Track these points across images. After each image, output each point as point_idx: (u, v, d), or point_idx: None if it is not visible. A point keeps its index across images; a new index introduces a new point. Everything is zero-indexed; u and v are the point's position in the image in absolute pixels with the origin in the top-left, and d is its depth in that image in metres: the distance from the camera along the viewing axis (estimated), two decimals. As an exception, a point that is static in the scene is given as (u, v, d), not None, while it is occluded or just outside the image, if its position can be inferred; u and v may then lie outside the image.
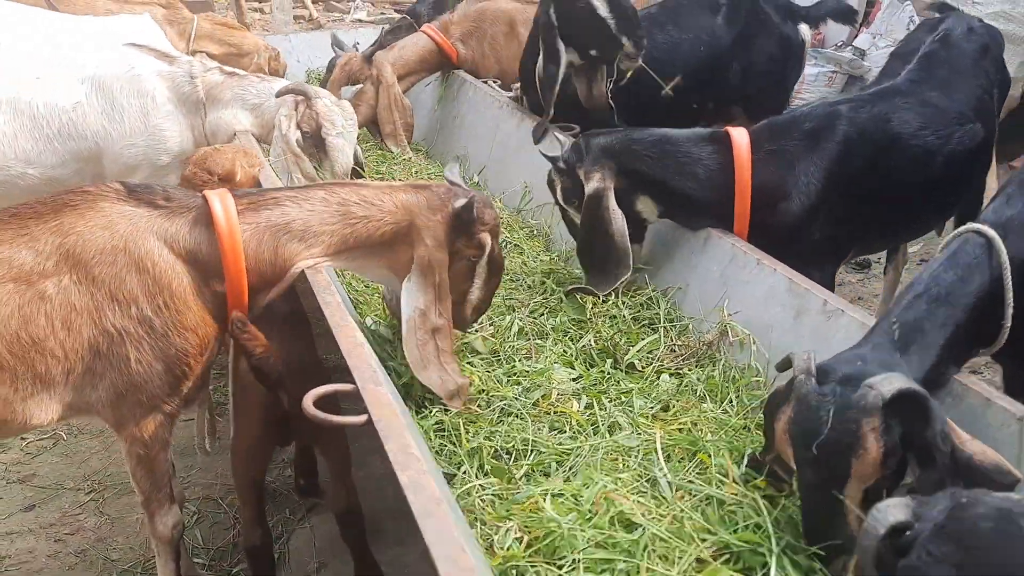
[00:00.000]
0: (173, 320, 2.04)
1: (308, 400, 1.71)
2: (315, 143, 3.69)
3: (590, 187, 2.86)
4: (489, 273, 2.43)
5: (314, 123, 3.67)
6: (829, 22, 4.95)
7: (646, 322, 2.77)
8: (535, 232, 3.61)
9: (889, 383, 1.61)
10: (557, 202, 3.08)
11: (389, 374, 2.28)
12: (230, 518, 2.91)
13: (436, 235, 2.24)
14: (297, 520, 2.89)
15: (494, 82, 4.74)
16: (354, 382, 1.74)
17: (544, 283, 3.07)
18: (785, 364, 1.89)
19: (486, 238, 2.35)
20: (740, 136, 2.78)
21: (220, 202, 2.10)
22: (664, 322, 2.73)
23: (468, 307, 2.45)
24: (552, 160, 3.02)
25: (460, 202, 2.27)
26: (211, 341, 2.12)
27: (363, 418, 1.63)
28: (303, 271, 2.20)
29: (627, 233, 2.83)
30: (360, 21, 12.93)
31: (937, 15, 3.72)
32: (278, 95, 3.66)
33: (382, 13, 13.29)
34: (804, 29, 4.57)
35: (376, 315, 2.80)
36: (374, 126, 4.81)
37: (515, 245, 3.43)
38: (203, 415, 2.39)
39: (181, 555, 2.31)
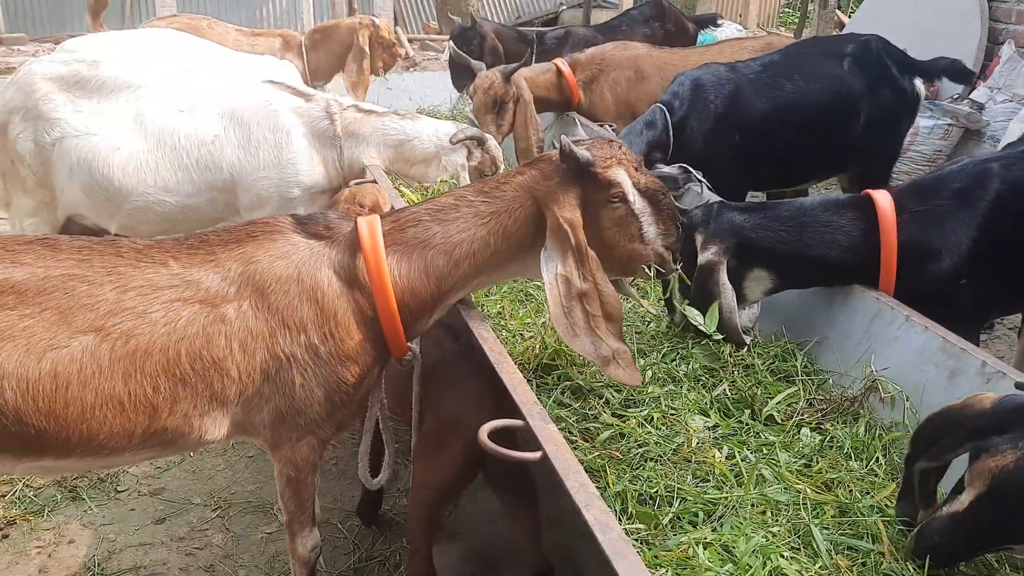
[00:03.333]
0: (337, 348, 2.10)
1: (483, 433, 1.71)
2: None
3: (703, 258, 2.82)
4: (653, 205, 2.25)
5: (494, 166, 3.86)
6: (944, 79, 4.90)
7: (783, 375, 2.72)
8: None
9: None
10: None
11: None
12: (350, 543, 2.94)
13: (556, 197, 2.15)
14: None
15: (610, 126, 4.77)
16: (522, 418, 1.75)
17: (671, 329, 3.04)
18: None
19: (614, 172, 2.18)
20: (883, 199, 2.74)
21: (367, 226, 2.16)
22: (802, 374, 2.68)
23: (650, 247, 2.28)
24: None
25: (560, 150, 2.14)
26: (369, 369, 2.16)
27: (538, 454, 1.63)
28: (455, 305, 2.23)
29: (735, 309, 2.79)
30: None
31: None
32: (452, 141, 3.79)
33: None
34: (919, 84, 4.51)
35: None
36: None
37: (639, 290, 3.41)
38: (367, 444, 2.42)
39: (314, 577, 2.34)
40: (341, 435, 2.27)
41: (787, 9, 18.69)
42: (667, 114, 4.10)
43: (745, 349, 2.81)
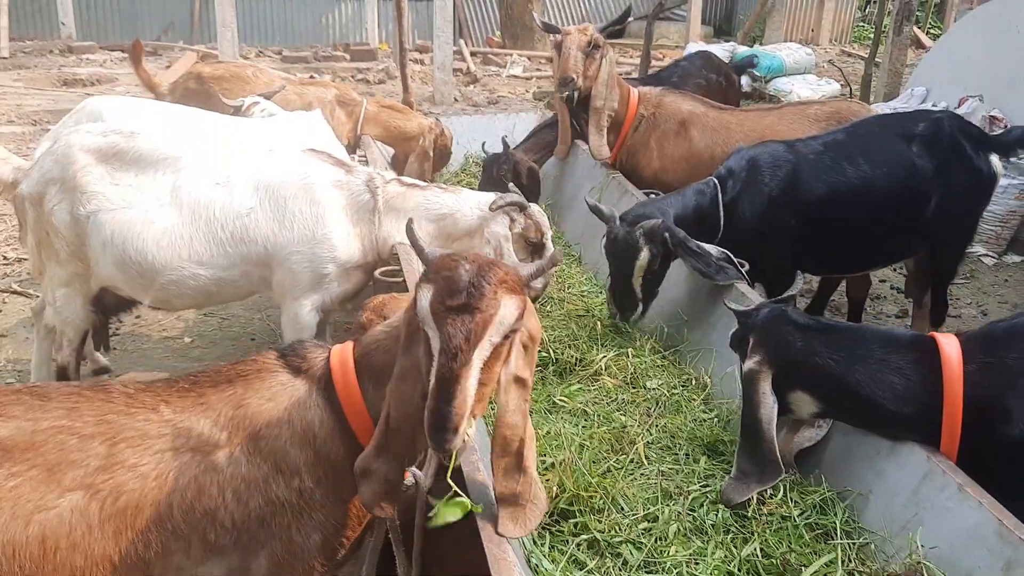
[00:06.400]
0: (332, 492, 2.03)
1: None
2: (534, 249, 3.74)
3: (747, 364, 2.69)
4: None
5: (539, 232, 3.72)
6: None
7: (820, 530, 2.52)
8: (694, 382, 3.39)
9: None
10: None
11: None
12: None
13: None
14: None
15: (655, 195, 4.57)
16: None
17: (704, 457, 2.87)
18: None
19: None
20: (950, 345, 2.50)
21: (339, 359, 2.06)
22: (841, 535, 2.48)
23: None
24: (736, 313, 2.84)
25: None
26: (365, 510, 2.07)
27: None
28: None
29: (774, 420, 2.61)
30: (515, 76, 13.09)
31: None
32: (492, 208, 3.68)
33: (537, 69, 13.41)
34: (995, 161, 4.21)
35: None
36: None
37: (673, 399, 3.23)
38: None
39: None
40: (340, 570, 2.19)
41: (861, 24, 18.03)
42: (719, 190, 3.89)
43: (781, 494, 2.62)
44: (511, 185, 4.15)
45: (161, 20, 14.38)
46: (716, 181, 3.89)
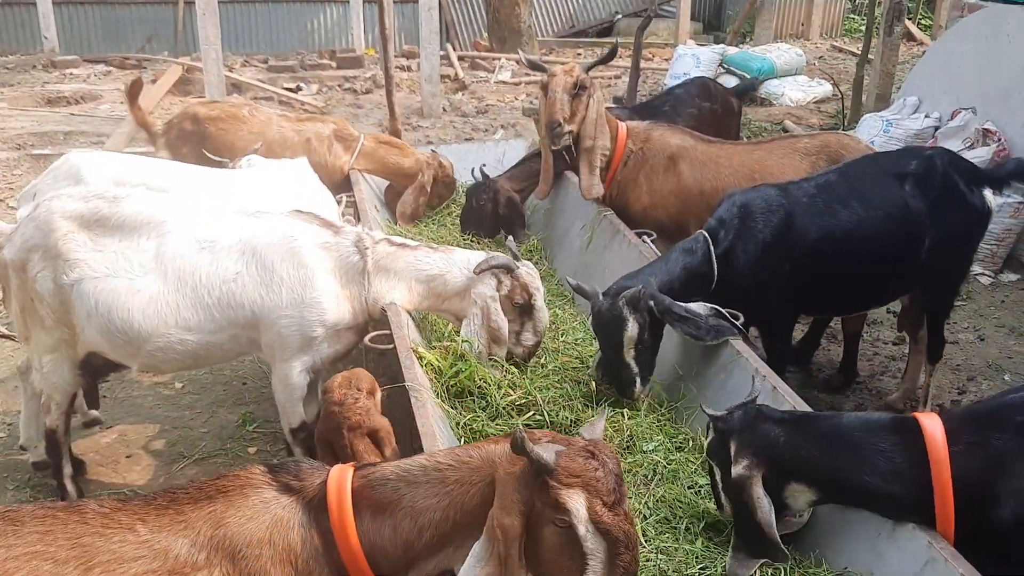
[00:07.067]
0: None
1: None
2: (522, 311, 3.67)
3: (735, 471, 2.66)
4: (608, 553, 1.82)
5: (525, 293, 3.65)
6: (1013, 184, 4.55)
7: (821, 614, 2.50)
8: (693, 442, 3.36)
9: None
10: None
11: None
12: None
13: (505, 491, 1.86)
14: None
15: (648, 236, 4.53)
16: None
17: (702, 535, 2.84)
18: None
19: (569, 495, 1.79)
20: (932, 425, 2.48)
21: (336, 484, 2.03)
22: (843, 622, 2.45)
23: None
24: (711, 418, 2.80)
25: (530, 448, 1.80)
26: None
27: None
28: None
29: (774, 523, 2.60)
30: (503, 82, 13.00)
31: None
32: (476, 271, 3.63)
33: (526, 74, 13.31)
34: (989, 196, 4.18)
35: None
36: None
37: (671, 466, 3.20)
38: None
39: None
40: None
41: (852, 16, 17.94)
42: (710, 243, 3.84)
43: (782, 575, 2.60)
44: (508, 241, 4.07)
45: (144, 31, 14.23)
46: (706, 235, 3.84)
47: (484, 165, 5.63)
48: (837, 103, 10.85)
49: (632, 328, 3.45)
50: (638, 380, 3.52)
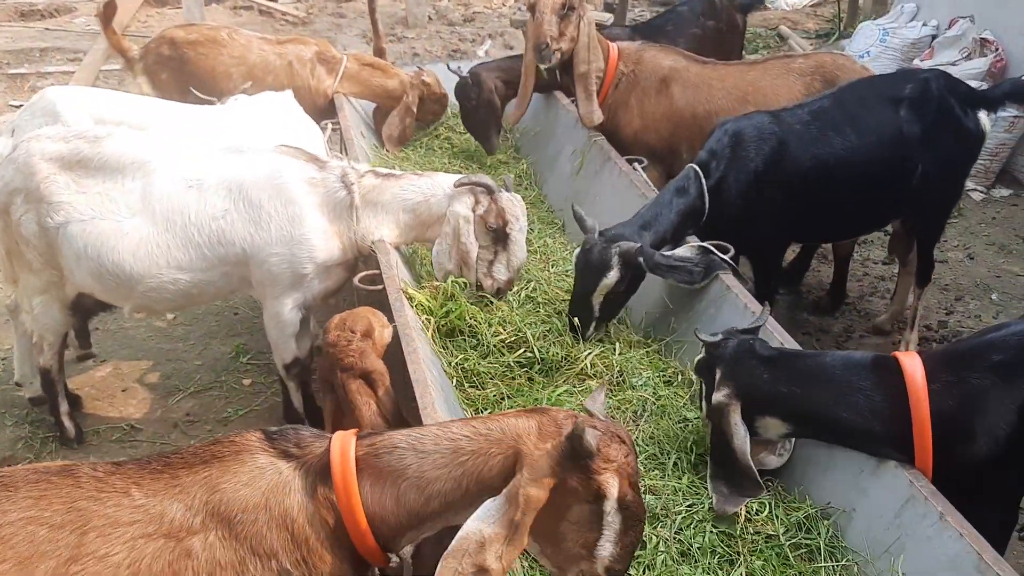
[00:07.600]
0: (310, 574, 2.02)
1: None
2: (496, 238, 3.61)
3: (716, 397, 2.74)
4: (623, 526, 1.98)
5: (501, 219, 3.58)
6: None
7: (804, 549, 2.59)
8: (682, 376, 3.40)
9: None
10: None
11: None
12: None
13: (537, 465, 1.94)
14: None
15: (639, 162, 4.47)
16: None
17: (690, 470, 2.91)
18: None
19: (607, 481, 1.93)
20: (912, 364, 2.53)
21: (340, 450, 2.05)
22: (826, 555, 2.55)
23: (597, 565, 2.01)
24: (706, 343, 2.84)
25: (571, 429, 1.93)
26: None
27: None
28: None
29: (748, 452, 2.69)
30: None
31: None
32: (456, 185, 3.56)
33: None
34: (984, 119, 4.13)
35: None
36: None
37: (656, 400, 3.25)
38: None
39: None
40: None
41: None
42: (701, 177, 3.79)
43: (767, 511, 2.69)
44: (505, 178, 3.94)
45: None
46: (697, 169, 3.78)
47: (460, 68, 5.46)
48: (833, 7, 10.56)
49: (611, 277, 3.42)
50: (593, 325, 3.51)
